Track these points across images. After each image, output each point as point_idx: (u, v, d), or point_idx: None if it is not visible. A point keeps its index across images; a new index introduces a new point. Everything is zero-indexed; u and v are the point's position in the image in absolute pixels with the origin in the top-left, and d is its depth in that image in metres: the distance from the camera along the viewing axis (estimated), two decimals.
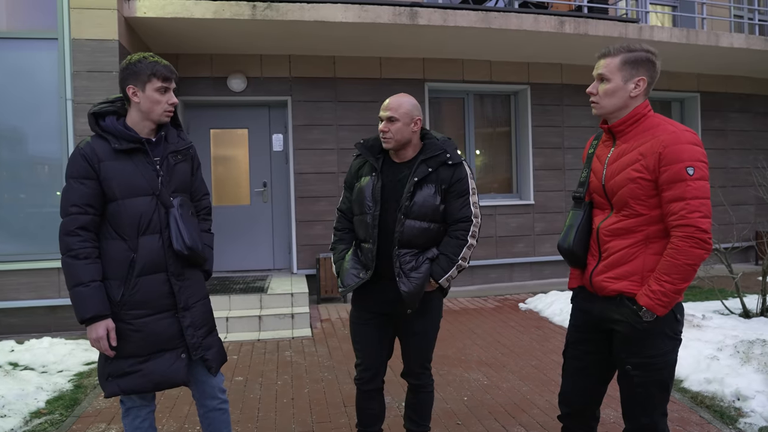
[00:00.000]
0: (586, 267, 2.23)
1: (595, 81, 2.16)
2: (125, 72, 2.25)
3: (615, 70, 2.09)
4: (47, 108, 5.61)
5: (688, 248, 1.92)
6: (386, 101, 2.62)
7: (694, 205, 1.92)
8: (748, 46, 7.79)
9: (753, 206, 9.45)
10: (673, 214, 1.96)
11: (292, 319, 5.78)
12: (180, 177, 2.41)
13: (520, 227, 8.14)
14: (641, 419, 2.14)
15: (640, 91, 2.09)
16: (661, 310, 1.98)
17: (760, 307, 5.63)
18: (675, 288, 1.96)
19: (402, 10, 6.30)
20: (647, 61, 2.09)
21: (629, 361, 2.10)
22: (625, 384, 2.16)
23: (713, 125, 9.31)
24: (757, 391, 3.62)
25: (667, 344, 2.07)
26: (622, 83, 2.08)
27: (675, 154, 1.95)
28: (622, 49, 2.10)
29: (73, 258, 2.20)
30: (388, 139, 2.58)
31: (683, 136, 1.98)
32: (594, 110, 2.19)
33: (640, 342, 2.06)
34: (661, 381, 2.09)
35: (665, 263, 1.96)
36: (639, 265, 2.06)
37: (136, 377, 2.29)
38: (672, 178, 1.95)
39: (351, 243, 2.74)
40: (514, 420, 3.52)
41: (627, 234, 2.08)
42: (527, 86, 8.16)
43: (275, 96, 7.31)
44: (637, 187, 2.02)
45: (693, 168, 1.93)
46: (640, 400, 2.12)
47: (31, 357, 4.67)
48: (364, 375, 2.76)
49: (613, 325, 2.13)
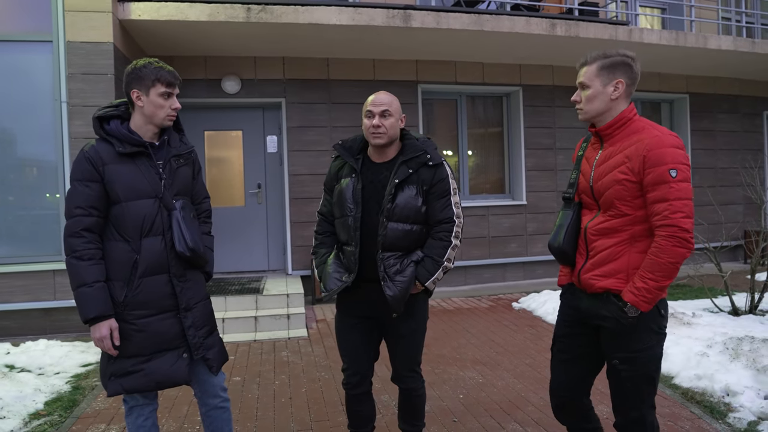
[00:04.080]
0: (575, 265, 2.31)
1: (578, 89, 2.26)
2: (130, 76, 2.29)
3: (593, 77, 2.19)
4: (42, 110, 5.62)
5: (671, 247, 2.00)
6: (374, 97, 2.56)
7: (677, 206, 2.00)
8: (735, 48, 7.91)
9: (741, 206, 9.58)
10: (657, 214, 2.04)
11: (288, 320, 5.81)
12: (182, 180, 2.45)
13: (513, 227, 8.21)
14: (631, 412, 2.22)
15: (620, 93, 2.17)
16: (645, 306, 2.06)
17: (748, 304, 5.73)
18: (658, 285, 2.04)
19: (395, 13, 6.36)
20: (623, 64, 2.18)
21: (616, 355, 2.18)
22: (613, 378, 2.24)
23: (702, 126, 9.44)
24: (746, 387, 3.71)
25: (652, 338, 2.15)
26: (602, 87, 2.18)
27: (659, 157, 2.03)
28: (599, 56, 2.20)
29: (77, 259, 2.23)
30: (381, 134, 2.52)
31: (666, 140, 2.06)
32: (580, 116, 2.28)
33: (626, 337, 2.14)
34: (648, 375, 2.17)
35: (649, 261, 2.04)
36: (624, 264, 2.13)
37: (138, 376, 2.32)
38: (656, 180, 2.03)
39: (333, 246, 2.71)
40: (509, 417, 3.58)
41: (613, 233, 2.16)
42: (519, 88, 8.25)
43: (269, 98, 7.34)
44: (622, 189, 2.10)
45: (676, 170, 2.01)
46: (628, 393, 2.19)
47: (27, 359, 4.68)
48: (351, 380, 2.74)
49: (600, 321, 2.21)
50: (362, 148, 2.69)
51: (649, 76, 8.98)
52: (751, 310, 5.70)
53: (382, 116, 2.52)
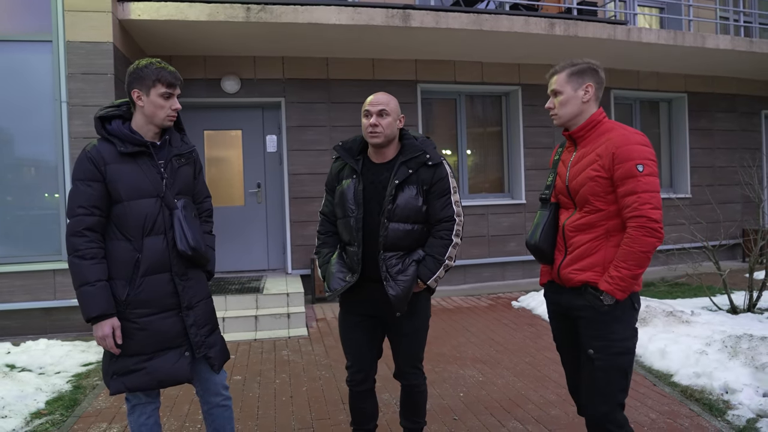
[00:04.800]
0: (554, 262, 2.41)
1: (551, 97, 2.40)
2: (132, 76, 2.31)
3: (564, 83, 2.34)
4: (42, 110, 5.62)
5: (641, 237, 2.12)
6: (371, 98, 2.59)
7: (645, 198, 2.13)
8: (733, 48, 7.93)
9: (740, 204, 9.61)
10: (627, 207, 2.16)
11: (288, 319, 5.83)
12: (183, 180, 2.46)
13: (512, 226, 8.23)
14: (600, 407, 2.26)
15: (591, 96, 2.32)
16: (620, 294, 2.16)
17: (747, 303, 5.75)
18: (631, 273, 2.14)
19: (395, 13, 6.37)
20: (590, 69, 2.34)
21: (592, 344, 2.25)
22: (587, 370, 2.29)
23: (700, 125, 9.46)
24: (745, 384, 3.72)
25: (627, 330, 2.26)
26: (573, 92, 2.33)
27: (626, 153, 2.16)
28: (567, 65, 2.36)
29: (79, 258, 2.24)
30: (378, 133, 2.54)
31: (633, 137, 2.20)
32: (555, 121, 2.42)
33: (602, 325, 2.23)
34: (621, 367, 2.24)
35: (622, 251, 2.16)
36: (601, 257, 2.25)
37: (140, 375, 2.33)
38: (624, 175, 2.16)
39: (335, 246, 2.74)
40: (509, 415, 3.60)
41: (589, 229, 2.28)
42: (518, 87, 8.26)
43: (269, 97, 7.35)
44: (596, 185, 2.23)
45: (642, 165, 2.15)
46: (600, 385, 2.24)
47: (28, 359, 4.69)
48: (356, 377, 2.77)
49: (578, 311, 2.31)
50: (362, 149, 2.71)
51: (647, 75, 9.00)
52: (750, 308, 5.72)
53: (379, 115, 2.54)
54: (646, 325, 5.04)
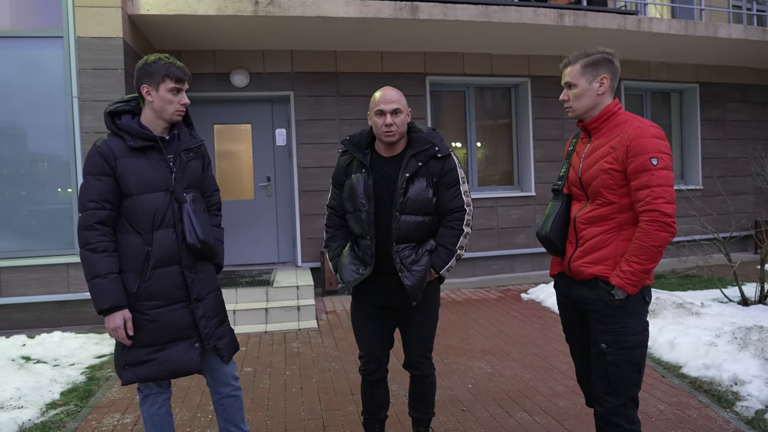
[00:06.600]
0: (565, 254, 2.40)
1: (565, 89, 2.36)
2: (141, 71, 2.34)
3: (578, 75, 2.29)
4: (54, 106, 5.69)
5: (654, 231, 2.09)
6: (382, 94, 2.58)
7: (658, 192, 2.09)
8: (746, 37, 7.83)
9: (752, 196, 9.52)
10: (640, 200, 2.13)
11: (298, 311, 5.87)
12: (192, 174, 2.49)
13: (522, 219, 8.21)
14: (612, 401, 2.24)
15: (606, 88, 2.28)
16: (631, 289, 2.14)
17: (758, 294, 5.72)
18: (643, 268, 2.12)
19: (403, 5, 6.36)
20: (605, 60, 2.28)
21: (603, 338, 2.24)
22: (599, 364, 2.27)
23: (712, 116, 9.37)
24: (754, 376, 3.71)
25: (638, 324, 2.24)
26: (588, 84, 2.28)
27: (641, 146, 2.13)
28: (581, 56, 2.30)
29: (91, 251, 2.28)
30: (393, 132, 2.56)
31: (648, 130, 2.16)
32: (570, 114, 2.38)
33: (613, 319, 2.22)
34: (634, 361, 2.22)
35: (634, 246, 2.13)
36: (612, 251, 2.22)
37: (151, 365, 2.38)
38: (638, 168, 2.12)
39: (345, 239, 2.76)
40: (518, 406, 3.62)
41: (601, 221, 2.25)
42: (527, 79, 8.22)
43: (278, 91, 7.38)
44: (608, 177, 2.20)
45: (657, 159, 2.11)
46: (612, 379, 2.23)
47: (42, 351, 4.77)
48: (368, 366, 2.81)
49: (589, 305, 2.29)
50: (369, 143, 2.73)
51: (658, 65, 8.92)
52: (761, 300, 5.69)
53: (394, 114, 2.56)
54: (655, 316, 5.03)
